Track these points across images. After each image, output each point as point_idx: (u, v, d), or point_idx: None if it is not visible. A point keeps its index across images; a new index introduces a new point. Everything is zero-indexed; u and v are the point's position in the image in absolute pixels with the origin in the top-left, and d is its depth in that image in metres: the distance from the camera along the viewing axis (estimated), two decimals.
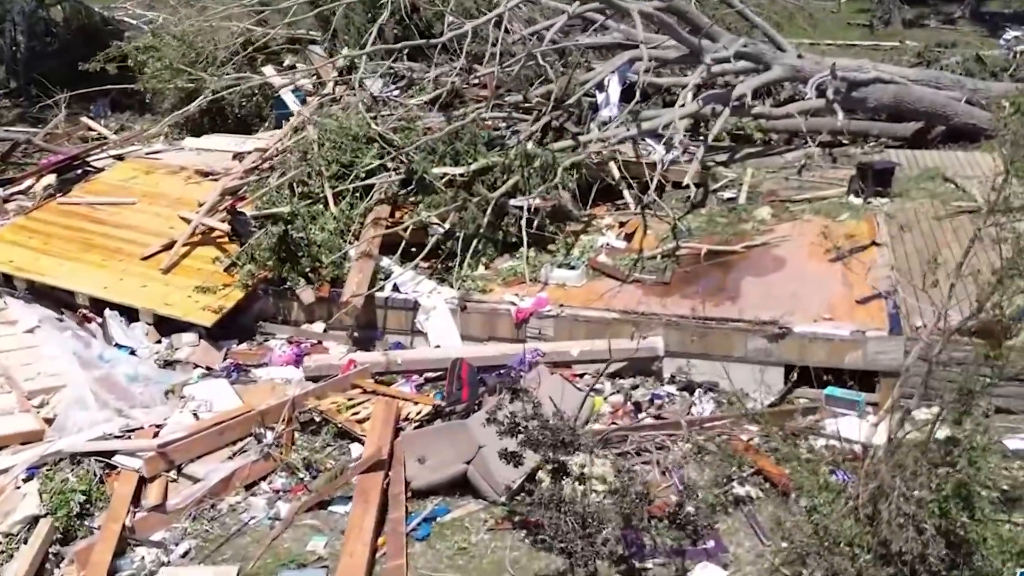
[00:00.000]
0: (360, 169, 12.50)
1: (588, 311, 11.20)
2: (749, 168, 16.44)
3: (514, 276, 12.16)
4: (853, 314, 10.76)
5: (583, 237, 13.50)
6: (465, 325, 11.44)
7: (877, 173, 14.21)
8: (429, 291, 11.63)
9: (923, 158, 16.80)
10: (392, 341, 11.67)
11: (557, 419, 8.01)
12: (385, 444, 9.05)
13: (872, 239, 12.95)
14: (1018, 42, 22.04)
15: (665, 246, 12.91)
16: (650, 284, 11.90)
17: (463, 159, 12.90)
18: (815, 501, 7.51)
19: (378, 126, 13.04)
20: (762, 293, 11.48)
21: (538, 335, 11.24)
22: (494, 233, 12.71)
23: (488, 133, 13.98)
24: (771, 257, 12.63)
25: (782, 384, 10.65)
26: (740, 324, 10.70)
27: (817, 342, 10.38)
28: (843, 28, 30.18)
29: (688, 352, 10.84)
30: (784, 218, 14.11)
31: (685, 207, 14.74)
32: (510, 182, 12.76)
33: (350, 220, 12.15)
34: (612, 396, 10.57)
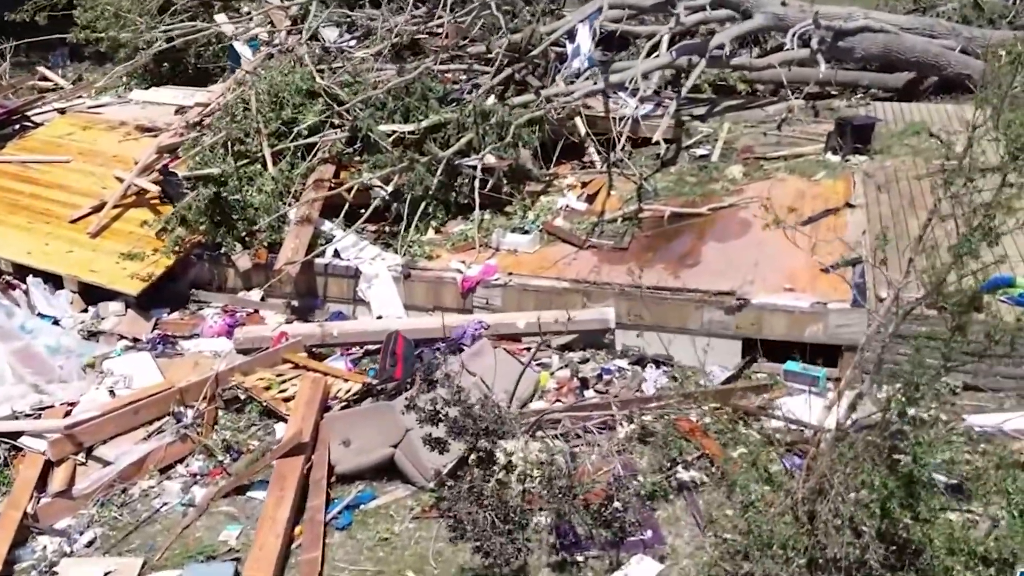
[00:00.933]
0: (302, 126, 11.85)
1: (537, 280, 10.67)
2: (726, 123, 15.81)
3: (464, 241, 11.62)
4: (816, 284, 10.22)
5: (542, 198, 12.93)
6: (409, 294, 10.93)
7: (856, 129, 13.57)
8: (372, 257, 11.10)
9: (911, 111, 16.15)
10: (333, 310, 11.18)
11: (485, 403, 7.49)
12: (308, 425, 8.57)
13: (846, 200, 12.37)
14: None
15: (627, 208, 12.31)
16: (607, 250, 11.35)
17: (413, 116, 12.25)
18: (751, 496, 7.05)
19: (323, 79, 12.35)
20: (723, 260, 10.94)
21: (485, 305, 10.73)
22: (445, 195, 12.12)
23: (445, 87, 13.31)
24: (737, 220, 12.06)
25: (740, 358, 10.15)
26: (696, 295, 10.15)
27: (776, 314, 9.87)
28: None
29: (641, 324, 10.32)
30: (756, 177, 13.51)
31: (655, 165, 14.14)
32: (463, 140, 12.13)
33: (290, 181, 11.57)
34: (559, 371, 10.06)
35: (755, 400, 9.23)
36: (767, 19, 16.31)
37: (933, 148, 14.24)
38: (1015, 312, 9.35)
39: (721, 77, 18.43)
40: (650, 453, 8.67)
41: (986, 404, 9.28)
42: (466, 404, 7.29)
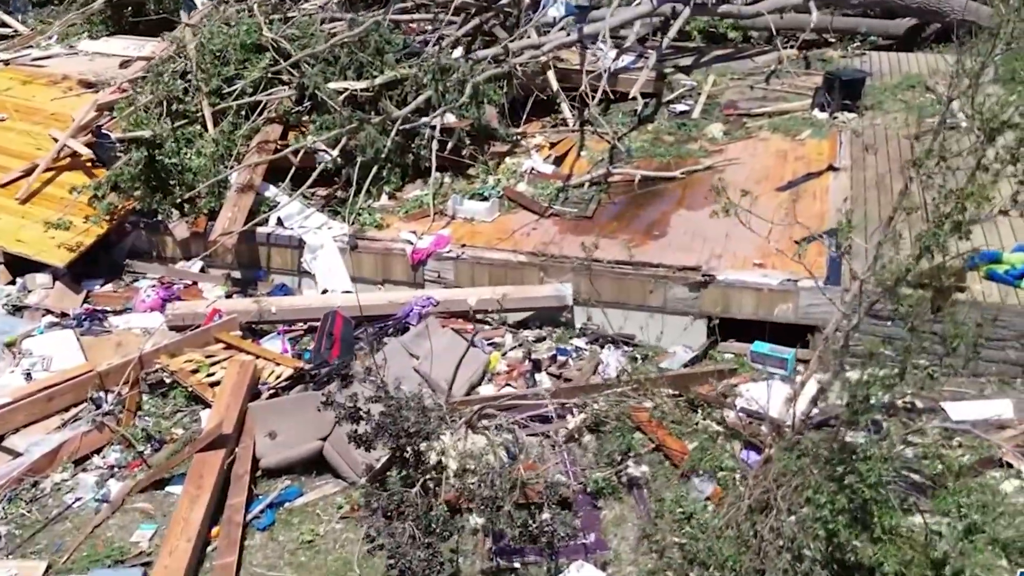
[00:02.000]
0: (245, 83, 11.16)
1: (492, 252, 10.07)
2: (712, 75, 15.06)
3: (419, 208, 11.01)
4: (790, 261, 9.56)
5: (508, 160, 12.27)
6: (357, 266, 10.35)
7: (845, 84, 12.84)
8: (318, 226, 10.50)
9: (908, 62, 15.37)
10: (277, 282, 10.61)
11: (411, 399, 6.95)
12: (232, 415, 8.07)
13: (830, 163, 11.70)
14: None
15: (595, 172, 11.65)
16: (570, 219, 10.73)
17: (367, 72, 11.54)
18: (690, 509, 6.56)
19: (271, 31, 11.63)
20: (693, 231, 10.32)
21: (437, 279, 10.15)
22: (402, 157, 11.46)
23: (406, 40, 12.55)
24: (712, 185, 11.35)
25: (705, 338, 9.59)
26: (659, 270, 9.54)
27: (744, 292, 9.27)
28: None
29: (601, 301, 9.74)
30: (737, 136, 12.85)
31: (632, 123, 13.46)
32: (420, 98, 11.44)
33: (232, 143, 10.90)
34: (512, 351, 9.51)
35: (716, 386, 8.67)
36: None
37: (929, 103, 13.53)
38: (1000, 291, 8.77)
39: (712, 24, 17.62)
40: (599, 446, 8.12)
41: (966, 390, 8.73)
42: (389, 402, 6.75)
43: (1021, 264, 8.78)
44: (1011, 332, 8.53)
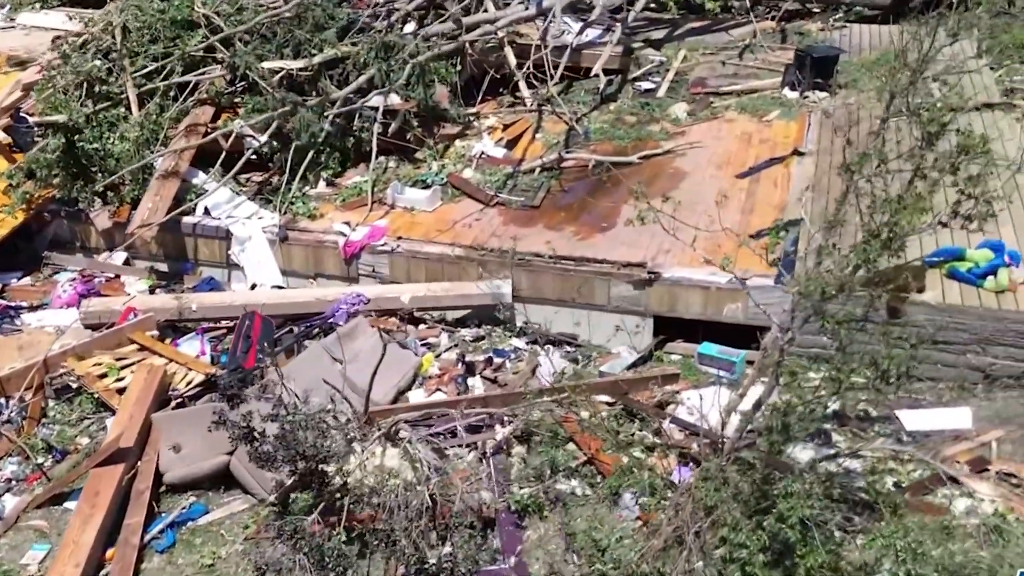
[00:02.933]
0: (173, 61, 10.60)
1: (429, 246, 9.57)
2: (683, 49, 14.46)
3: (358, 196, 10.49)
4: (743, 254, 9.07)
5: (458, 143, 11.74)
6: (287, 259, 9.87)
7: (817, 62, 12.24)
8: (247, 216, 10.00)
9: (890, 36, 14.72)
10: (206, 275, 10.13)
11: (313, 417, 6.49)
12: (135, 426, 7.62)
13: (795, 147, 11.16)
14: None
15: (548, 157, 11.12)
16: (515, 208, 10.21)
17: (306, 49, 10.97)
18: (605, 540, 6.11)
19: (204, 6, 11.05)
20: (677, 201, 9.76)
21: (371, 273, 9.67)
22: (343, 141, 10.92)
23: (350, 14, 11.96)
24: (669, 171, 10.89)
25: (651, 338, 9.13)
26: (603, 266, 9.05)
27: (691, 290, 8.78)
28: None
29: (543, 298, 9.26)
30: (702, 117, 12.29)
31: (594, 101, 12.90)
32: (362, 78, 10.89)
33: (159, 127, 10.37)
34: (447, 352, 9.05)
35: (657, 393, 8.21)
36: None
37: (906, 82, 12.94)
38: (961, 291, 8.27)
39: None
40: (528, 458, 7.67)
41: (923, 396, 8.26)
42: (285, 421, 6.28)
43: (985, 262, 8.27)
44: (971, 336, 8.05)
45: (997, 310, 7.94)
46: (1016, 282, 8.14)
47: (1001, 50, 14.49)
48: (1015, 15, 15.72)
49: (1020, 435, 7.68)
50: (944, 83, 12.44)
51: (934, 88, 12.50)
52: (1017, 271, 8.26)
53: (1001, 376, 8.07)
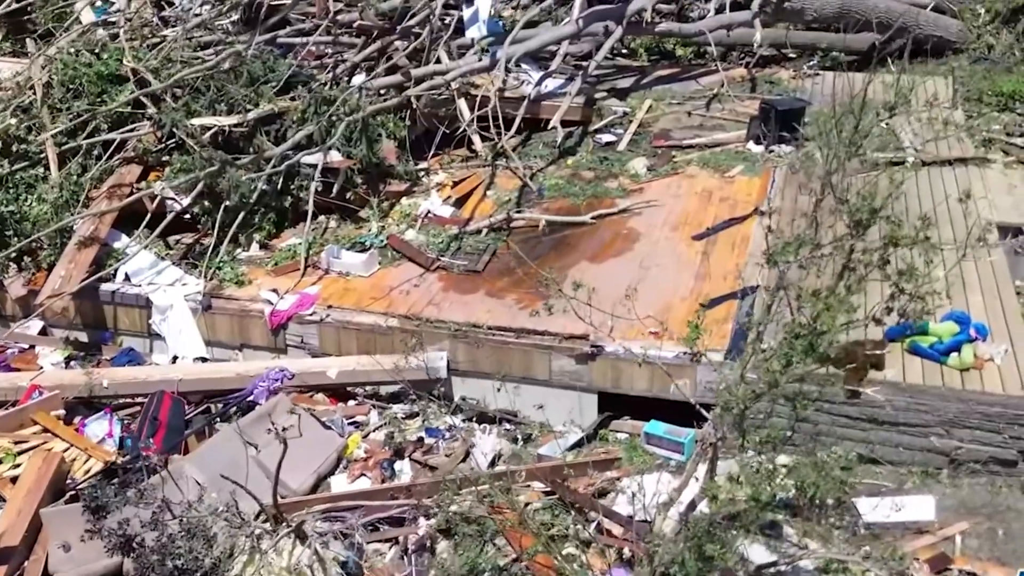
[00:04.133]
0: (98, 118, 10.15)
1: (361, 315, 9.05)
2: (649, 99, 14.07)
3: (292, 259, 9.99)
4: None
5: (404, 201, 11.28)
6: (211, 329, 9.36)
7: (782, 115, 11.83)
8: (171, 283, 9.49)
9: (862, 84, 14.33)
10: (125, 346, 9.61)
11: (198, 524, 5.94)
12: (23, 521, 7.05)
13: (756, 206, 10.70)
14: None
15: (497, 216, 10.67)
16: (458, 273, 9.72)
17: (240, 104, 10.54)
18: None
19: (136, 59, 10.62)
20: (594, 287, 9.26)
21: (300, 344, 9.15)
22: (279, 200, 10.46)
23: (293, 66, 11.53)
24: (623, 232, 10.43)
25: (596, 416, 8.61)
26: (543, 338, 8.54)
27: (636, 366, 8.25)
28: None
29: (481, 371, 8.74)
30: (662, 173, 11.86)
31: (552, 155, 12.47)
32: (299, 134, 10.46)
33: (80, 187, 9.90)
34: (377, 431, 8.52)
35: (596, 479, 7.67)
36: None
37: (877, 134, 12.55)
38: (924, 368, 7.77)
39: (659, 40, 16.64)
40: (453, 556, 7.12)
41: (884, 483, 7.72)
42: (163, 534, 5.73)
43: (950, 337, 7.78)
44: (935, 417, 7.54)
45: (961, 390, 7.44)
46: (982, 359, 7.64)
47: (980, 97, 14.13)
48: (995, 61, 15.38)
49: (987, 528, 7.17)
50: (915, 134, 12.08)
51: (905, 139, 12.16)
52: (984, 346, 7.77)
53: (967, 461, 7.56)
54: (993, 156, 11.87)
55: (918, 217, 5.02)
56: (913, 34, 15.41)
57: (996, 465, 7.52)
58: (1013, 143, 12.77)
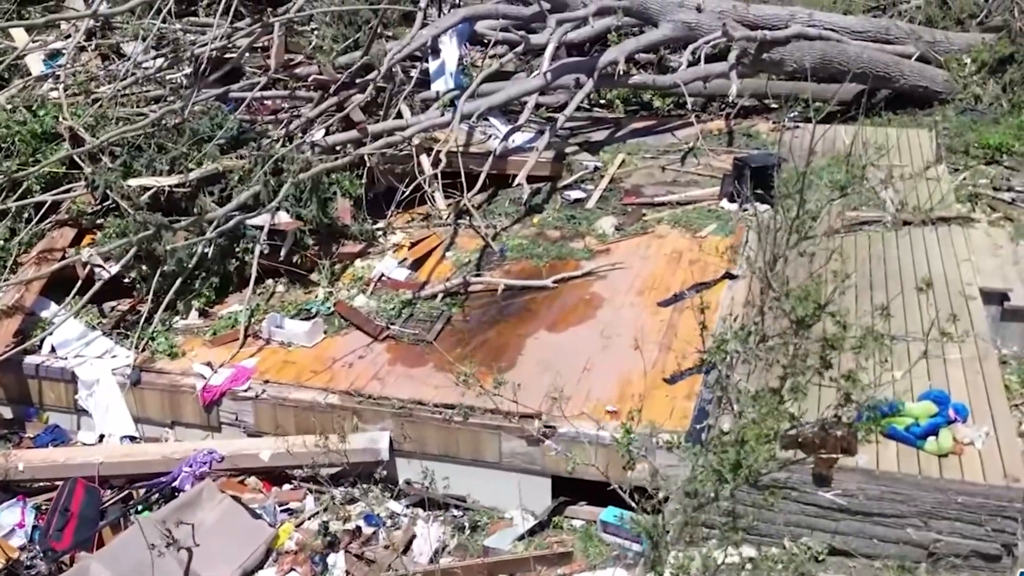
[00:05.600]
0: (30, 179, 9.70)
1: (299, 391, 8.52)
2: (622, 153, 13.67)
3: (233, 328, 9.48)
4: (654, 402, 8.07)
5: (358, 263, 10.79)
6: (141, 405, 8.85)
7: (756, 172, 11.37)
8: (99, 354, 8.96)
9: (847, 136, 13.94)
10: (51, 423, 9.06)
11: None
12: None
13: (727, 270, 10.21)
14: None
15: (453, 280, 10.18)
16: (407, 342, 9.21)
17: (180, 164, 10.09)
18: None
19: (73, 117, 10.19)
20: (546, 360, 8.82)
21: (235, 422, 8.61)
22: (222, 264, 9.97)
23: (242, 123, 11.11)
24: (585, 297, 9.94)
25: (549, 501, 8.05)
26: (493, 417, 8.00)
27: (590, 448, 7.70)
28: None
29: (427, 452, 8.19)
30: (631, 232, 11.41)
31: (519, 213, 12.02)
32: (244, 194, 9.99)
33: (6, 253, 9.43)
34: (312, 519, 7.94)
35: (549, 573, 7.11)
36: (675, 29, 14.16)
37: (859, 191, 12.10)
38: (899, 452, 7.22)
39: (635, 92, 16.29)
40: None
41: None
42: None
43: (927, 419, 7.24)
44: (911, 508, 6.98)
45: (939, 479, 6.89)
46: (962, 443, 7.10)
47: (966, 150, 13.73)
48: (982, 112, 15.01)
49: None
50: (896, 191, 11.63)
51: (886, 197, 11.70)
52: (963, 429, 7.22)
53: (947, 555, 6.98)
54: (978, 215, 11.41)
55: (877, 308, 4.49)
56: (898, 84, 15.13)
57: (978, 560, 6.95)
58: (1000, 198, 12.35)
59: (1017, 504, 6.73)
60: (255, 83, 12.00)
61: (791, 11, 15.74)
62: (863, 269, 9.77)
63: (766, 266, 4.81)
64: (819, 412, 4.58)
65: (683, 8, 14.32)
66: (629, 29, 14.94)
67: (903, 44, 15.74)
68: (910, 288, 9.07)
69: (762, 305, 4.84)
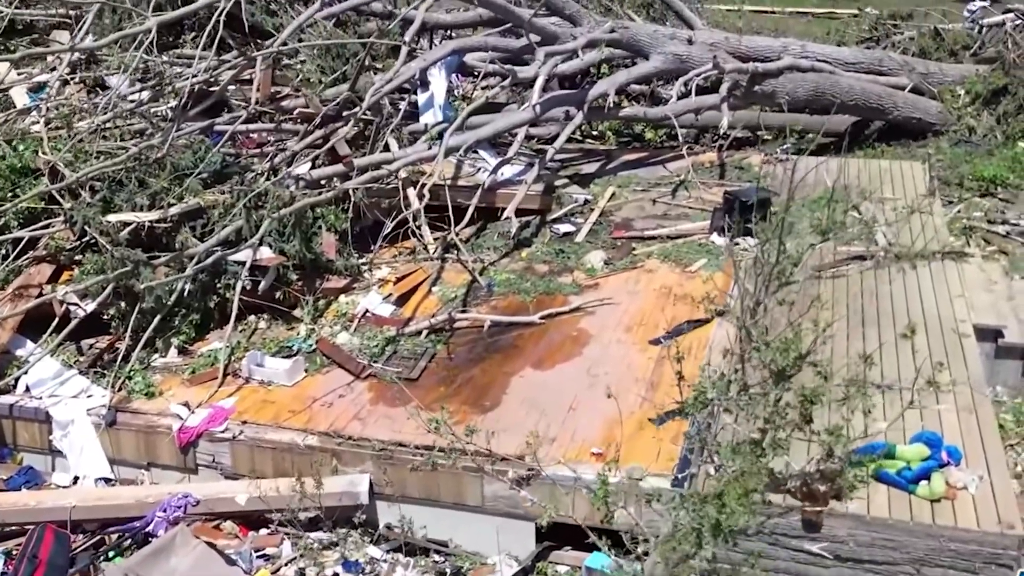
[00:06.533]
0: (7, 212, 9.60)
1: (277, 432, 8.35)
2: (612, 187, 13.56)
3: (212, 366, 9.31)
4: (640, 444, 7.91)
5: (343, 299, 10.64)
6: (116, 446, 8.67)
7: (746, 206, 11.25)
8: (75, 394, 8.80)
9: (841, 170, 13.84)
10: (25, 465, 8.89)
11: None
12: None
13: (717, 307, 10.02)
14: (986, 14, 18.86)
15: (438, 316, 10.03)
16: (390, 381, 9.04)
17: (162, 198, 9.97)
18: None
19: (54, 151, 10.08)
20: (531, 399, 8.66)
21: (212, 464, 8.43)
22: (203, 300, 9.82)
23: (226, 157, 11.00)
24: (572, 333, 9.80)
25: (534, 545, 7.86)
26: (475, 459, 7.80)
27: (576, 491, 7.52)
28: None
29: (408, 496, 8.01)
30: (620, 267, 11.28)
31: (507, 247, 11.89)
32: (226, 230, 9.87)
33: None
34: (289, 566, 7.74)
35: None
36: (665, 61, 14.12)
37: (851, 225, 11.99)
38: (890, 497, 7.04)
39: (626, 124, 16.25)
40: None
41: None
42: None
43: (919, 462, 7.07)
44: (903, 555, 6.80)
45: (931, 525, 6.71)
46: (955, 488, 6.92)
47: (960, 182, 13.64)
48: (977, 144, 14.94)
49: None
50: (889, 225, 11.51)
51: (879, 231, 11.58)
52: (956, 472, 7.05)
53: None
54: (972, 249, 11.29)
55: (859, 355, 4.34)
56: (892, 116, 15.08)
57: None
58: (995, 231, 12.25)
59: (1012, 552, 6.55)
60: (239, 116, 11.86)
61: (783, 43, 15.74)
62: (854, 305, 9.64)
63: (745, 313, 4.65)
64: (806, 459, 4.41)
65: (674, 40, 14.30)
66: (620, 61, 14.89)
67: (896, 75, 15.70)
68: (902, 326, 8.90)
69: (742, 354, 4.66)
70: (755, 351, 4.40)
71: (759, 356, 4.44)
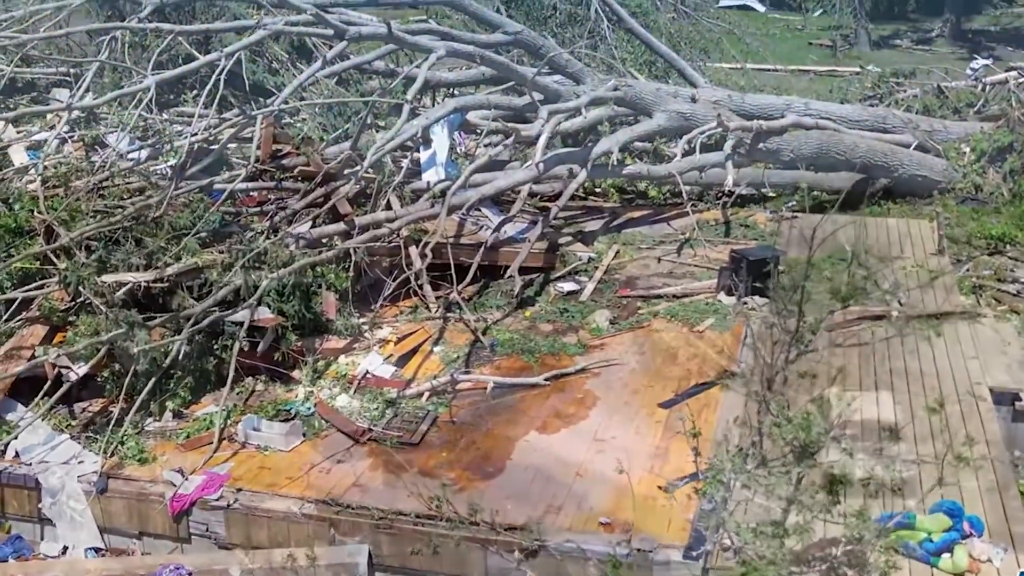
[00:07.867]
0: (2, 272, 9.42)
1: (273, 500, 8.08)
2: (617, 244, 13.41)
3: (208, 430, 9.07)
4: (651, 513, 7.64)
5: (343, 360, 10.41)
6: (107, 515, 8.40)
7: (753, 266, 11.09)
8: (65, 460, 8.54)
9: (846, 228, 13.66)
10: (13, 533, 8.60)
11: None
12: None
13: (726, 368, 9.84)
14: (988, 72, 18.90)
15: (440, 378, 9.81)
16: (391, 446, 8.80)
17: (158, 258, 9.81)
18: None
19: (50, 210, 9.95)
20: (537, 465, 8.40)
21: (205, 533, 8.15)
22: (200, 362, 9.60)
23: (223, 216, 10.87)
24: (578, 395, 9.57)
25: None
26: (477, 530, 7.55)
27: (581, 565, 7.24)
28: (803, 49, 27.13)
29: (409, 568, 7.72)
30: (626, 326, 11.08)
31: (510, 306, 11.69)
32: (223, 290, 9.69)
33: None
34: None
35: None
36: (669, 119, 14.04)
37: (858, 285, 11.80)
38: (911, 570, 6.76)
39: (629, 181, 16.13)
40: None
41: None
42: None
43: (941, 533, 6.80)
44: None
45: None
46: (978, 561, 6.65)
47: (968, 240, 13.50)
48: (983, 201, 14.82)
49: None
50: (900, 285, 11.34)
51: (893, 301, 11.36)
52: (980, 544, 6.78)
53: None
54: (983, 309, 11.10)
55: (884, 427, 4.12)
56: (897, 174, 14.96)
57: None
58: (1005, 290, 12.06)
59: None
60: (239, 174, 11.74)
61: (787, 100, 15.69)
62: (867, 368, 9.43)
63: (763, 385, 4.43)
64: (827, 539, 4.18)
65: (677, 98, 14.26)
66: (624, 118, 14.83)
67: (901, 133, 15.63)
68: (917, 391, 8.73)
69: (759, 427, 4.44)
70: (776, 426, 4.16)
71: (781, 433, 4.20)
